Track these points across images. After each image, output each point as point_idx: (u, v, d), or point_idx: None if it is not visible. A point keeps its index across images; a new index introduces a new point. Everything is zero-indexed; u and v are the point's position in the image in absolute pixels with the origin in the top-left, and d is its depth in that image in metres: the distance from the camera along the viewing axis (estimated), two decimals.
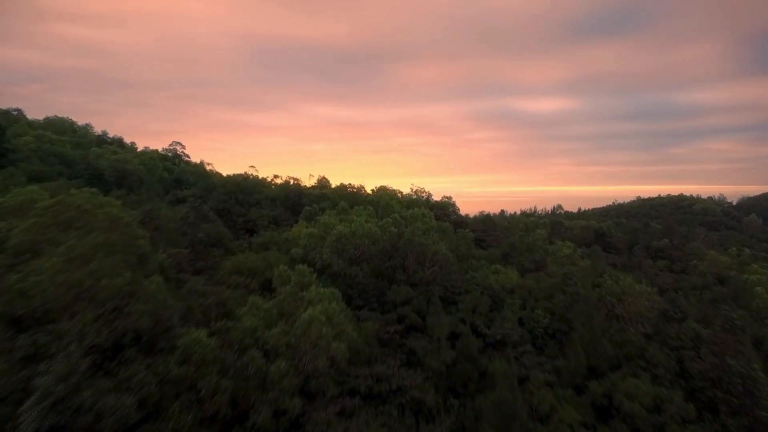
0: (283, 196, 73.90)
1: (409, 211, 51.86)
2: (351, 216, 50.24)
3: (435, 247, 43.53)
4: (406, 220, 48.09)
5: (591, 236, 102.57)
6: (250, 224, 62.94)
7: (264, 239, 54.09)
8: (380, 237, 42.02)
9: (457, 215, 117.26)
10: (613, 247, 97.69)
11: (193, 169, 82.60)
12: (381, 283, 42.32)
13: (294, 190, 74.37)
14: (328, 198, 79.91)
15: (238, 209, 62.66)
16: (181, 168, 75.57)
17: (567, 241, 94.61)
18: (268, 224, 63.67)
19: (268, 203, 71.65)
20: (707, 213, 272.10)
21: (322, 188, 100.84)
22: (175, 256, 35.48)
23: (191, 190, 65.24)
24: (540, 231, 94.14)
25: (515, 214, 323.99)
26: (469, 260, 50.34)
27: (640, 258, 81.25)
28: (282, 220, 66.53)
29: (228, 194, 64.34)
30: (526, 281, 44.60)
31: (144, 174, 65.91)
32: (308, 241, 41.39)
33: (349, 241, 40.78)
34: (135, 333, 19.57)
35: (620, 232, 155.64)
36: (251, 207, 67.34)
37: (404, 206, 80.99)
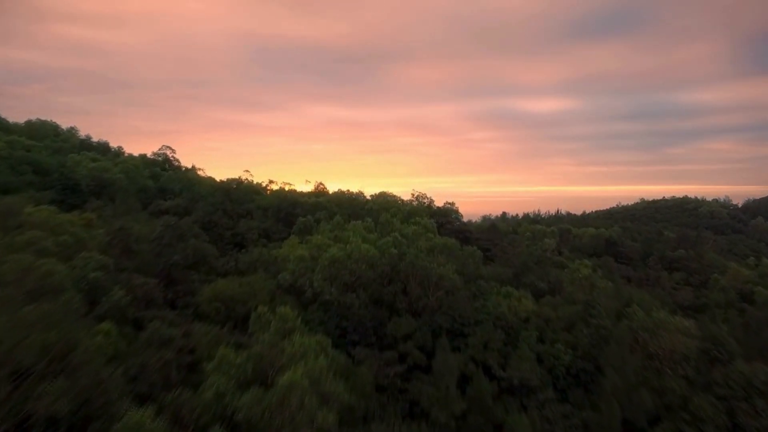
0: (275, 206, 69.09)
1: (411, 227, 47.00)
2: (347, 232, 45.43)
3: (440, 271, 38.71)
4: (408, 239, 43.27)
5: (601, 245, 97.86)
6: (239, 238, 58.12)
7: (252, 257, 49.28)
8: (378, 260, 37.21)
9: (460, 222, 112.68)
10: (624, 256, 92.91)
11: (181, 175, 77.79)
12: (380, 311, 37.54)
13: (288, 199, 69.54)
14: (324, 207, 75.10)
15: (225, 222, 57.85)
16: (167, 176, 70.80)
17: (581, 256, 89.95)
18: (258, 238, 58.87)
19: (259, 214, 66.84)
20: (713, 216, 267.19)
21: (319, 195, 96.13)
22: (141, 287, 30.65)
23: (175, 200, 60.44)
24: (548, 241, 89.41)
25: (517, 217, 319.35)
26: (478, 281, 45.51)
27: (657, 272, 76.40)
28: (274, 233, 61.72)
29: (215, 205, 59.51)
30: (542, 309, 39.76)
31: (125, 183, 61.14)
32: (298, 266, 36.57)
33: (343, 265, 35.98)
34: (49, 420, 14.78)
35: (630, 239, 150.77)
36: (241, 218, 62.54)
37: (405, 215, 76.30)
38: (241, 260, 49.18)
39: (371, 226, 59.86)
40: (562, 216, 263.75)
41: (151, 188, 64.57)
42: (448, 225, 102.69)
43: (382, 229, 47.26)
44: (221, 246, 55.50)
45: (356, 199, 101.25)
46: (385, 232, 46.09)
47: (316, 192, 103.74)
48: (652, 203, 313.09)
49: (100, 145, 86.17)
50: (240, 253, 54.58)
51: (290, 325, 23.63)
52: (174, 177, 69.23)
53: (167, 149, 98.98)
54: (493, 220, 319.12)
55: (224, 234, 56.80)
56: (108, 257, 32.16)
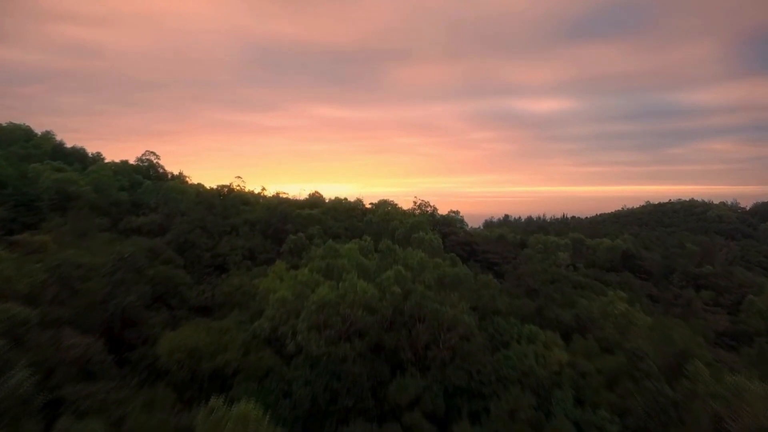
0: (264, 220, 62.17)
1: (416, 253, 40.04)
2: (341, 259, 38.50)
3: (453, 312, 31.86)
4: (414, 270, 36.34)
5: (617, 258, 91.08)
6: (220, 260, 51.25)
7: (232, 285, 42.40)
8: (378, 303, 30.31)
9: (465, 231, 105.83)
10: (644, 271, 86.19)
11: (163, 186, 70.81)
12: (380, 365, 30.70)
13: (278, 212, 62.62)
14: (319, 221, 68.18)
15: (204, 241, 50.91)
16: (145, 187, 63.85)
17: (598, 273, 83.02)
18: (242, 260, 51.99)
19: (246, 230, 59.93)
20: (722, 220, 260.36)
21: (314, 205, 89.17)
22: (71, 350, 23.72)
23: (149, 216, 53.53)
24: (562, 254, 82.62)
25: (520, 219, 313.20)
26: (495, 318, 38.63)
27: (682, 290, 69.41)
28: (260, 253, 54.84)
29: (194, 222, 52.54)
30: (576, 359, 32.82)
31: (93, 197, 54.19)
32: (279, 311, 29.65)
33: (335, 310, 29.10)
34: None
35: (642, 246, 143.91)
36: (224, 236, 55.64)
37: (407, 230, 69.45)
38: (218, 290, 42.30)
39: (370, 245, 53.15)
40: (568, 220, 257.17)
41: (124, 202, 57.62)
42: (452, 236, 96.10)
43: (382, 256, 40.28)
44: (199, 270, 48.66)
45: (355, 208, 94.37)
46: (386, 261, 39.12)
47: (311, 200, 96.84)
48: (658, 206, 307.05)
49: (75, 152, 79.28)
50: (221, 277, 47.80)
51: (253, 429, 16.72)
52: (152, 189, 62.28)
53: (151, 155, 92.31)
54: (495, 224, 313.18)
55: (203, 256, 49.89)
56: (34, 306, 25.25)
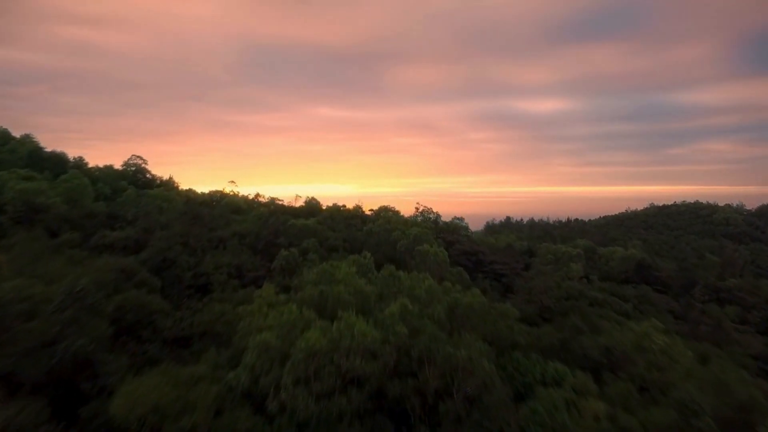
0: (254, 233, 56.99)
1: (424, 280, 34.79)
2: (337, 286, 33.33)
3: (468, 354, 26.70)
4: (421, 301, 31.13)
5: (632, 268, 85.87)
6: (203, 279, 46.05)
7: (212, 315, 37.19)
8: (381, 348, 25.11)
9: (469, 239, 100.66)
10: (661, 283, 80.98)
11: (148, 194, 65.74)
12: (381, 420, 25.53)
13: (270, 224, 57.44)
14: (314, 233, 63.00)
15: (185, 259, 45.70)
16: (125, 196, 58.67)
17: (613, 286, 77.81)
18: (228, 279, 46.77)
19: (234, 243, 54.73)
20: (729, 223, 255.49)
21: (310, 213, 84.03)
22: None
23: (125, 230, 48.34)
24: (574, 265, 77.48)
25: (522, 221, 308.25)
26: (514, 354, 33.48)
27: (711, 310, 63.92)
28: (249, 270, 49.63)
29: (175, 237, 47.38)
30: (615, 411, 27.57)
31: (64, 209, 49.01)
32: (260, 359, 24.46)
33: (327, 358, 23.95)
34: None
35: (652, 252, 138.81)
36: (209, 251, 50.45)
37: (410, 242, 64.31)
38: (198, 318, 37.08)
39: (369, 262, 48.11)
40: (572, 223, 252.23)
41: (100, 214, 52.41)
42: (457, 244, 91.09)
43: (385, 283, 35.00)
44: (178, 291, 43.48)
45: (354, 216, 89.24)
46: (389, 288, 33.86)
47: (307, 207, 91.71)
48: (663, 208, 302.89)
49: (54, 157, 74.12)
50: (202, 301, 42.63)
51: None
52: (132, 198, 57.13)
53: (138, 159, 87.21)
54: (497, 226, 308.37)
55: (183, 276, 44.68)
56: None
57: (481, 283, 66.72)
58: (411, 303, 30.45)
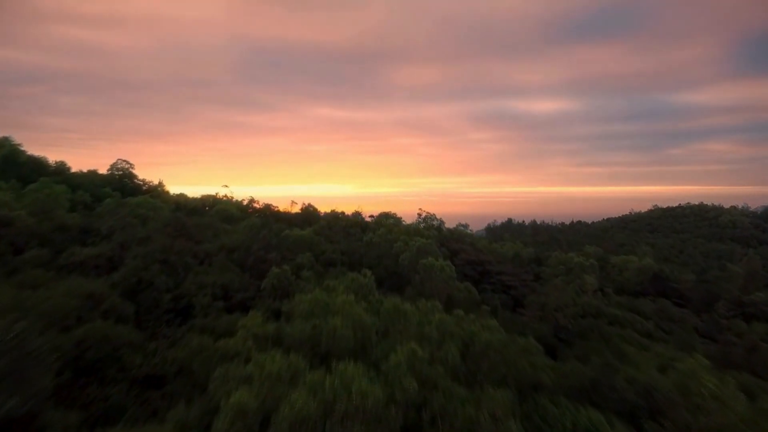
0: (244, 247, 52.11)
1: (434, 314, 29.91)
2: (333, 320, 28.53)
3: (491, 409, 21.88)
4: (432, 342, 26.27)
5: (647, 279, 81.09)
6: (184, 302, 41.14)
7: (189, 349, 32.30)
8: (385, 410, 20.28)
9: (474, 247, 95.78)
10: (679, 296, 76.24)
11: (131, 202, 60.80)
12: None
13: (262, 236, 52.57)
14: (310, 245, 58.14)
15: (164, 280, 40.83)
16: (104, 206, 53.78)
17: (631, 301, 72.96)
18: (212, 301, 41.88)
19: (221, 258, 49.86)
20: (736, 226, 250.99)
21: (306, 222, 79.20)
22: None
23: (99, 247, 43.47)
24: (588, 277, 72.71)
25: (524, 223, 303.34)
26: (538, 397, 28.61)
27: (737, 327, 59.08)
28: (236, 291, 44.74)
29: (154, 253, 42.54)
30: None
31: (30, 223, 44.14)
32: (234, 427, 19.62)
33: (317, 425, 19.13)
34: None
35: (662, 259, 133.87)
36: (193, 268, 45.57)
37: (414, 255, 59.46)
38: (171, 355, 32.20)
39: (370, 282, 43.39)
40: (575, 226, 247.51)
41: (73, 227, 47.50)
42: (462, 253, 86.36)
43: (389, 319, 30.07)
44: (155, 317, 38.61)
45: (353, 224, 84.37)
46: (394, 325, 28.93)
47: (304, 214, 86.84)
48: (667, 210, 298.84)
49: (32, 162, 69.23)
50: (181, 328, 37.80)
51: None
52: (112, 207, 52.25)
53: (124, 163, 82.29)
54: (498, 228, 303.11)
55: (161, 299, 39.78)
56: None
57: (491, 298, 62.01)
58: (420, 343, 25.61)
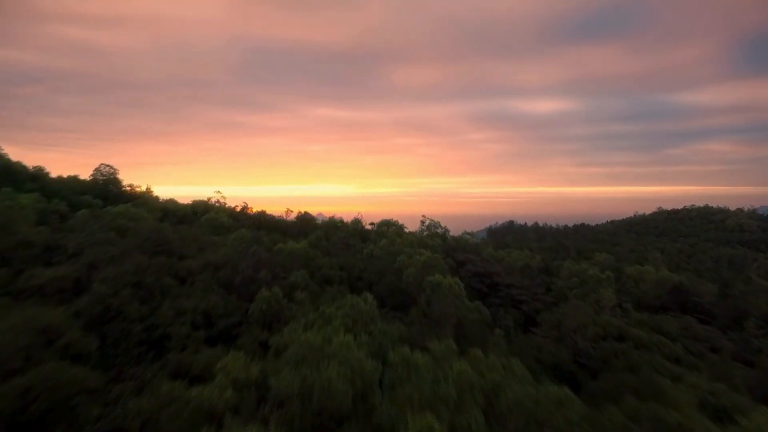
0: (232, 264, 46.97)
1: (452, 363, 24.77)
2: (328, 369, 23.45)
3: None
4: (450, 406, 21.16)
5: (666, 292, 76.09)
6: (158, 333, 36.00)
7: (156, 399, 27.18)
8: None
9: (481, 257, 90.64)
10: (703, 311, 71.26)
11: (109, 212, 55.75)
12: None
13: (252, 252, 47.40)
14: (305, 260, 52.99)
15: (136, 308, 35.68)
16: (78, 217, 48.61)
17: (652, 321, 67.79)
18: (192, 331, 36.73)
19: (205, 278, 44.72)
20: (743, 229, 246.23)
21: (302, 231, 74.06)
22: None
23: (63, 267, 38.31)
24: (605, 292, 67.70)
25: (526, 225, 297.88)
26: None
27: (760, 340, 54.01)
28: (220, 317, 39.61)
29: (125, 276, 37.40)
30: None
31: None
32: None
33: None
34: None
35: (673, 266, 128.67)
36: (171, 291, 40.42)
37: (420, 269, 54.41)
38: (135, 406, 27.07)
39: (371, 307, 38.32)
40: (581, 229, 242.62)
41: (37, 244, 42.32)
42: (468, 264, 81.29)
43: (397, 376, 24.83)
44: (124, 352, 33.45)
45: (352, 232, 79.25)
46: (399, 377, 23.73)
47: (300, 222, 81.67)
48: (672, 213, 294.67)
49: (4, 167, 63.85)
50: (152, 365, 32.68)
51: None
52: (86, 219, 47.11)
53: (108, 167, 77.12)
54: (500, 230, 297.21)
55: (132, 330, 34.60)
56: None
57: (503, 318, 56.94)
58: (435, 406, 20.50)
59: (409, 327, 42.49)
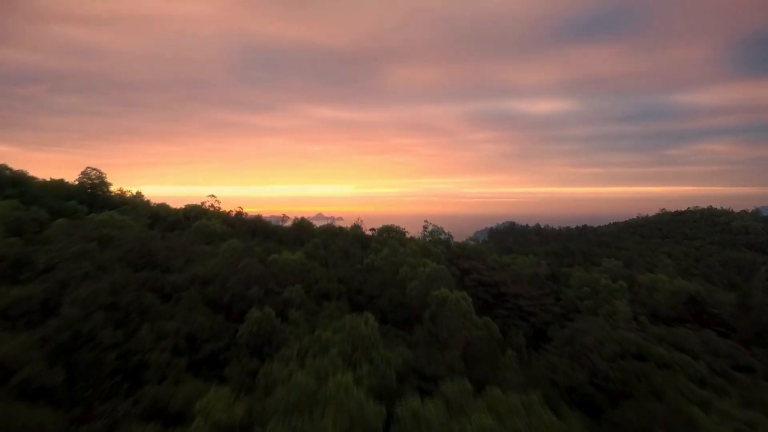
0: (221, 277, 43.26)
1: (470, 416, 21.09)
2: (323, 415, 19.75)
3: None
4: None
5: (681, 302, 72.53)
6: (136, 359, 32.26)
7: None
8: None
9: (486, 265, 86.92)
10: (722, 324, 67.67)
11: (91, 221, 52.16)
12: None
13: (243, 266, 43.66)
14: (301, 273, 49.24)
15: (109, 334, 31.94)
16: (54, 228, 44.87)
17: (671, 337, 64.11)
18: (172, 358, 32.98)
19: (192, 294, 40.95)
20: (749, 231, 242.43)
21: (299, 239, 70.36)
22: None
23: (31, 286, 34.55)
24: (620, 303, 64.04)
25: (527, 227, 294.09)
26: None
27: None
28: (205, 341, 35.86)
29: (98, 296, 33.65)
30: None
31: None
32: None
33: None
34: None
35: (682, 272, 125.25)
36: (152, 310, 36.67)
37: (426, 280, 50.77)
38: None
39: (372, 328, 34.76)
40: (584, 232, 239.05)
41: (7, 258, 38.51)
42: (473, 273, 77.74)
43: (404, 426, 21.14)
44: (94, 384, 29.73)
45: (351, 238, 75.54)
46: None
47: (296, 230, 77.93)
48: (676, 215, 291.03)
49: None
50: (126, 400, 28.93)
51: None
52: (63, 230, 43.36)
53: (94, 171, 73.33)
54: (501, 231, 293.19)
55: (104, 358, 30.84)
56: None
57: (515, 336, 53.23)
58: None
59: (415, 349, 38.83)
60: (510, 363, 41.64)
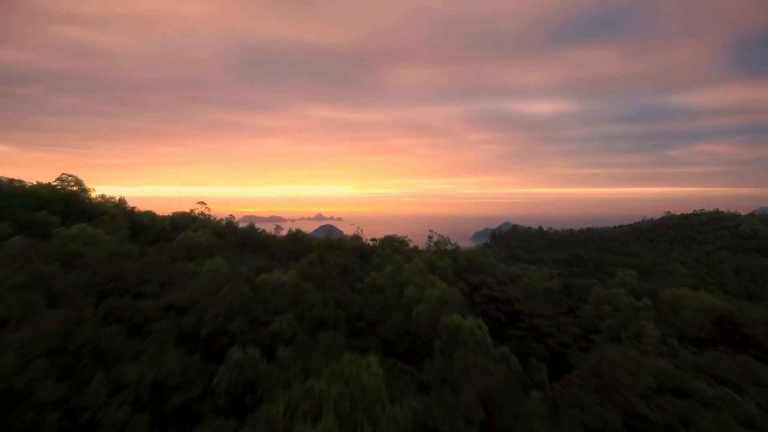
0: (200, 307, 37.22)
1: None
2: None
3: None
4: None
5: (709, 321, 66.76)
6: (85, 418, 26.18)
7: None
8: None
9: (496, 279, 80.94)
10: (756, 346, 61.90)
11: (64, 235, 46.38)
12: None
13: (224, 294, 37.64)
14: (294, 297, 43.23)
15: (49, 387, 25.91)
16: (4, 250, 38.87)
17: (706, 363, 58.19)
18: (133, 415, 26.95)
19: (164, 327, 34.96)
20: (758, 236, 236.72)
21: (293, 254, 64.33)
22: None
23: None
24: (647, 325, 58.18)
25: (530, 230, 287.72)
26: None
27: None
28: (175, 389, 29.83)
29: (43, 336, 27.71)
30: None
31: None
32: None
33: None
34: None
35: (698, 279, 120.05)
36: (110, 352, 30.69)
37: (436, 304, 44.85)
38: None
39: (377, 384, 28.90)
40: (590, 235, 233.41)
41: None
42: (484, 288, 71.92)
43: None
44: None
45: (351, 251, 69.53)
46: None
47: (291, 241, 71.90)
48: (682, 218, 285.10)
49: None
50: None
51: None
52: (14, 253, 37.37)
53: (70, 177, 67.30)
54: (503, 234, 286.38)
55: (44, 420, 24.79)
56: None
57: (536, 371, 47.17)
58: None
59: (425, 394, 32.95)
60: (536, 407, 35.82)
